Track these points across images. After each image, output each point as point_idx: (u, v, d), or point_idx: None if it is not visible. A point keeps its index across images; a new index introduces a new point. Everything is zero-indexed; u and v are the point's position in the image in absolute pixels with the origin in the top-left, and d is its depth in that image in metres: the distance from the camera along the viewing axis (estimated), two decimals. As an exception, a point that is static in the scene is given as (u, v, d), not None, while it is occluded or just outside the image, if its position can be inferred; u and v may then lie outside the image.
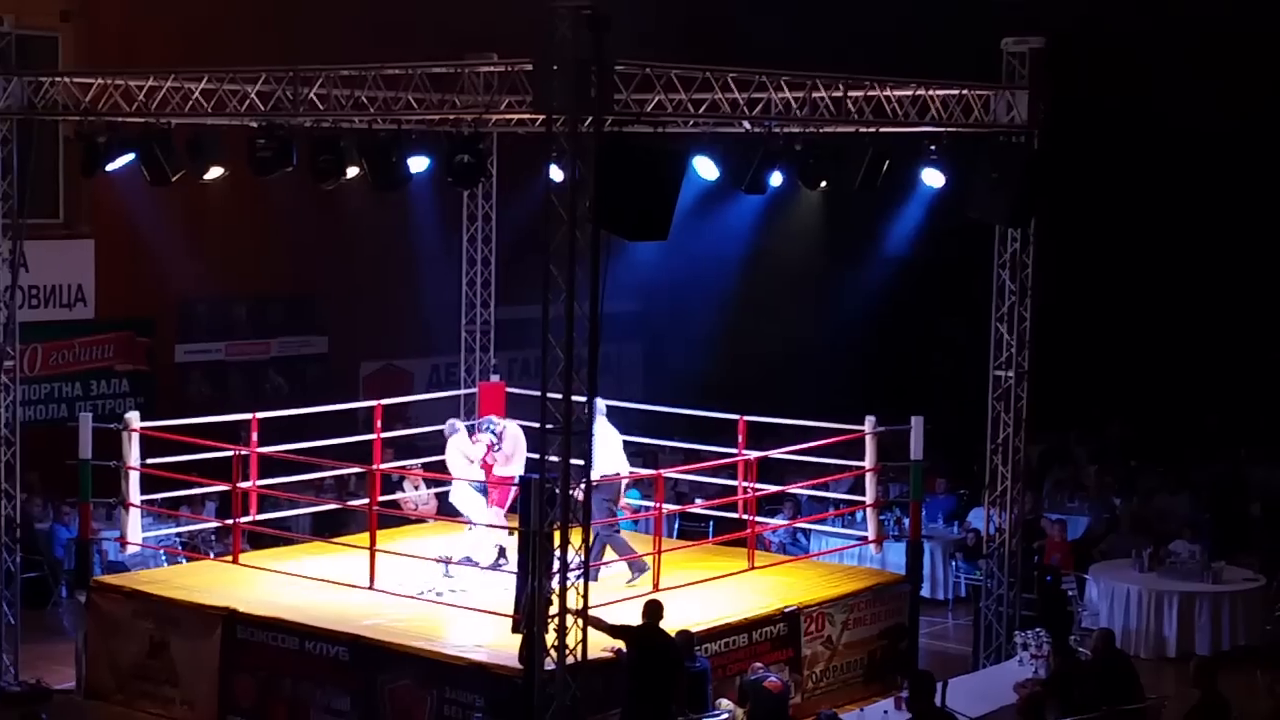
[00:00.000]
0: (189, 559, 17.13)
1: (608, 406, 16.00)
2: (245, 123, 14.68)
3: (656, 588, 14.84)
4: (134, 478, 15.77)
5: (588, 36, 11.83)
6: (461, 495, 16.14)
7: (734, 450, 16.67)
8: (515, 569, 13.44)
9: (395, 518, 17.33)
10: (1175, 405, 25.11)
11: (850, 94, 14.37)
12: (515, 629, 13.02)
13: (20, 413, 15.80)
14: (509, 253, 19.06)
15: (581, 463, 12.26)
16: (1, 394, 15.46)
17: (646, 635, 12.88)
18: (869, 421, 16.29)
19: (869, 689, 15.25)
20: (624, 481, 16.02)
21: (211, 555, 17.44)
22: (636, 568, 15.38)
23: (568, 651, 12.29)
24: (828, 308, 26.46)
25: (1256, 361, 25.35)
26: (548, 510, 12.25)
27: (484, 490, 16.04)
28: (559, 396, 12.16)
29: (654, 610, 13.00)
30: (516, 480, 15.61)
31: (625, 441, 16.27)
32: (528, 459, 15.75)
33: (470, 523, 16.15)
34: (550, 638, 12.29)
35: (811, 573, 16.35)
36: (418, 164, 15.10)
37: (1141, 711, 13.66)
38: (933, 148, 15.19)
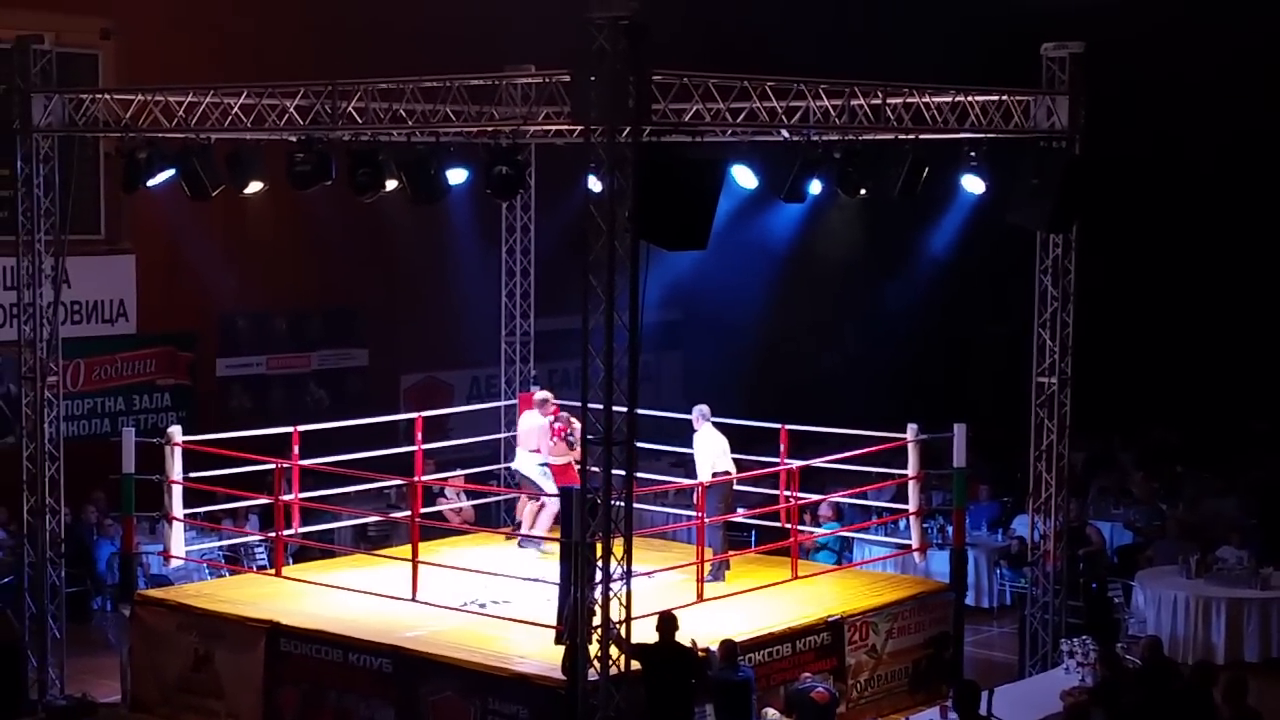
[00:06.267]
0: (232, 572, 17.19)
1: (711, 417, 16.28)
2: (284, 137, 14.74)
3: (700, 597, 14.82)
4: (177, 491, 15.84)
5: (625, 47, 11.82)
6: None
7: (776, 459, 16.63)
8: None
9: (437, 529, 17.36)
10: (1221, 410, 24.91)
11: (889, 101, 14.32)
12: (558, 640, 13.00)
13: (64, 428, 15.88)
14: (548, 263, 19.07)
15: (623, 472, 12.24)
16: (45, 410, 15.54)
17: (662, 652, 12.74)
18: (911, 429, 16.22)
19: (914, 698, 15.17)
20: (733, 481, 16.19)
21: (254, 568, 17.49)
22: (718, 569, 15.58)
23: (611, 662, 12.27)
24: (869, 316, 26.38)
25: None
26: (589, 521, 12.24)
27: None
28: (600, 407, 12.15)
29: (668, 624, 12.87)
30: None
31: (665, 451, 16.35)
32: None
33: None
34: (593, 648, 12.26)
35: (855, 581, 16.28)
36: (456, 176, 15.15)
37: None
38: (972, 154, 15.11)
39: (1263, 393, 25.11)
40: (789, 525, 16.25)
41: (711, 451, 16.03)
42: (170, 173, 15.12)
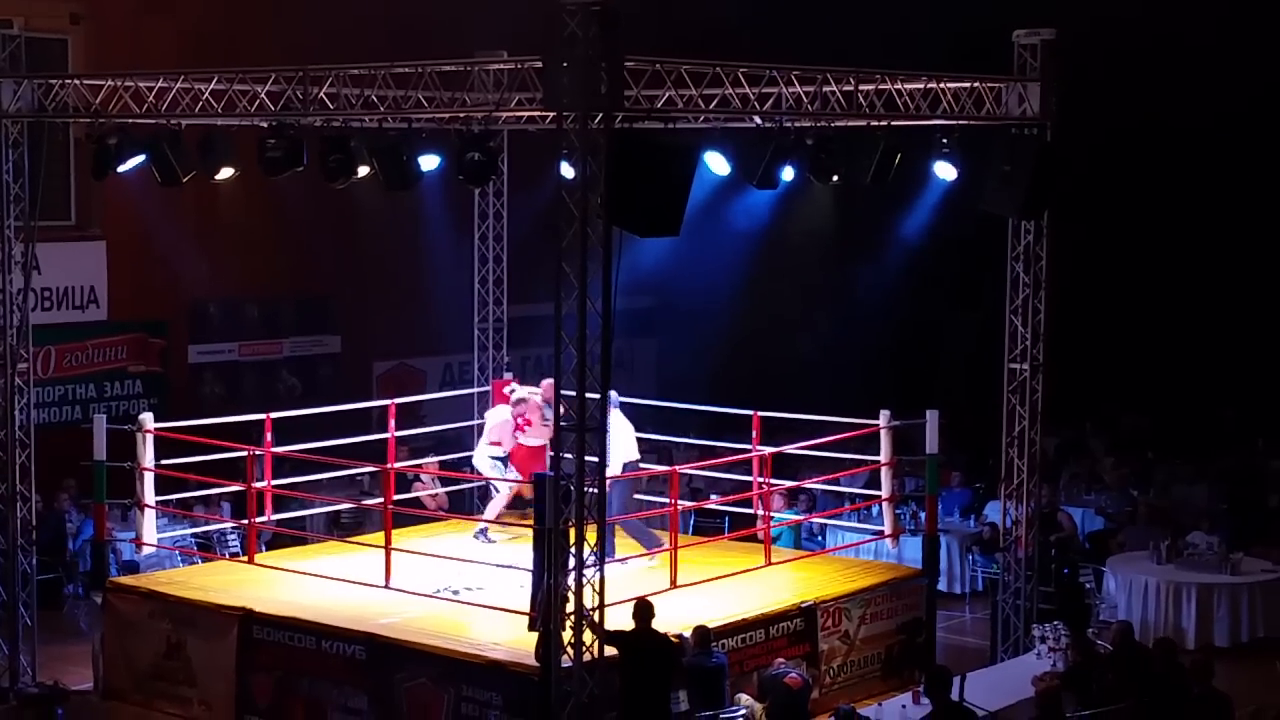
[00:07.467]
0: (204, 559, 17.15)
1: (621, 400, 16.03)
2: (255, 123, 14.67)
3: (674, 584, 14.82)
4: (148, 479, 15.79)
5: (597, 33, 11.80)
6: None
7: (749, 446, 16.64)
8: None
9: (410, 516, 17.35)
10: (1192, 397, 25.03)
11: (861, 88, 14.32)
12: (532, 626, 13.00)
13: (34, 415, 15.82)
14: (520, 250, 19.05)
15: (596, 459, 12.23)
16: (15, 396, 15.47)
17: (639, 639, 12.76)
18: (884, 416, 16.25)
19: (887, 683, 15.22)
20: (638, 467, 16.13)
21: (226, 555, 17.46)
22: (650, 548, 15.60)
23: (584, 648, 12.28)
24: (841, 302, 26.40)
25: (1274, 352, 25.26)
26: (562, 507, 12.23)
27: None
28: (573, 394, 12.14)
29: (644, 612, 12.87)
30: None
31: (640, 439, 16.33)
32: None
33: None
34: (567, 635, 12.27)
35: (828, 568, 16.31)
36: (428, 163, 15.11)
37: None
38: (944, 141, 15.14)
39: (1233, 380, 25.23)
40: (762, 512, 16.27)
41: (621, 441, 15.59)
42: (141, 158, 15.05)
